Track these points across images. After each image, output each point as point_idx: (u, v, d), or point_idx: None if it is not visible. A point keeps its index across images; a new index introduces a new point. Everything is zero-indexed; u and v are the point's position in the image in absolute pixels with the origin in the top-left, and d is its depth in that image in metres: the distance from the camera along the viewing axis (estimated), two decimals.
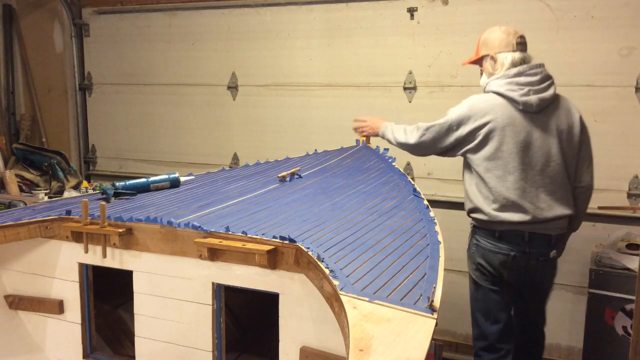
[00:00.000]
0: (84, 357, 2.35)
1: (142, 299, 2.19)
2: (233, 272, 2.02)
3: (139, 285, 2.20)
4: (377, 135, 3.19)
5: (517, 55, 2.76)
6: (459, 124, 2.75)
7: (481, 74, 2.91)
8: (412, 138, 2.87)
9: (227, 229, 2.02)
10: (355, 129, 3.32)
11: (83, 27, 4.98)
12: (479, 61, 2.90)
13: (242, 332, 2.83)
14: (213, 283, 2.07)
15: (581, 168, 2.82)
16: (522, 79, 2.70)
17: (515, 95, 2.67)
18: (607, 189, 3.55)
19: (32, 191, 4.29)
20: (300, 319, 1.93)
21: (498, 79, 2.74)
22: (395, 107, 3.99)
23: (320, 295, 1.74)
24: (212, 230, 2.03)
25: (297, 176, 2.90)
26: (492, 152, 2.68)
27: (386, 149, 3.38)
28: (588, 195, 2.88)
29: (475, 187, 2.77)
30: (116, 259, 2.23)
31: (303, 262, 1.86)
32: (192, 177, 3.10)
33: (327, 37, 4.16)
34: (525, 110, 2.68)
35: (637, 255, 2.96)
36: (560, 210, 2.71)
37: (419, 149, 2.89)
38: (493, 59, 2.79)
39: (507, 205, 2.67)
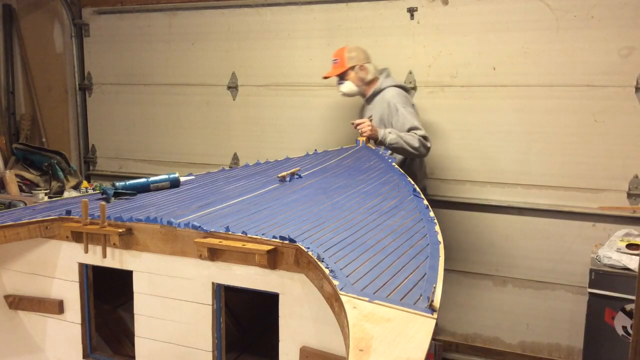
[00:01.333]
0: (84, 357, 2.34)
1: (142, 299, 2.19)
2: (233, 272, 2.02)
3: (139, 285, 2.20)
4: (377, 137, 3.49)
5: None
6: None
7: (340, 82, 3.69)
8: (428, 144, 3.45)
9: (227, 229, 2.02)
10: (357, 126, 3.56)
11: (83, 27, 4.98)
12: (343, 72, 3.65)
13: (242, 332, 2.83)
14: (213, 283, 2.07)
15: None
16: (391, 76, 3.73)
17: (404, 85, 3.77)
18: (607, 189, 3.55)
19: (32, 191, 4.29)
20: (300, 319, 1.93)
21: (386, 79, 3.67)
22: None
23: (320, 295, 1.74)
24: (212, 230, 2.03)
25: (297, 176, 2.90)
26: None
27: (386, 149, 3.38)
28: None
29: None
30: (116, 259, 2.23)
31: (303, 262, 1.86)
32: (192, 177, 3.09)
33: (327, 37, 4.15)
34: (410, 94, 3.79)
35: (637, 255, 2.95)
36: None
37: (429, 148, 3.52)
38: (362, 68, 3.64)
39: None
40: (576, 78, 3.54)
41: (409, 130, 3.43)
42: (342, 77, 3.68)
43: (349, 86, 3.68)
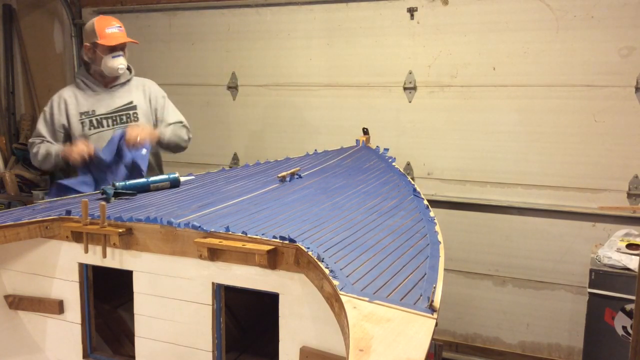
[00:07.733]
0: (84, 357, 2.35)
1: (142, 299, 2.19)
2: (233, 272, 2.02)
3: (139, 285, 2.20)
4: (157, 138, 3.32)
5: None
6: None
7: (121, 55, 3.30)
8: (190, 135, 3.51)
9: (227, 229, 2.02)
10: (131, 140, 3.18)
11: (83, 27, 4.97)
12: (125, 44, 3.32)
13: (242, 332, 2.83)
14: (213, 283, 2.07)
15: None
16: None
17: None
18: (607, 189, 3.55)
19: (32, 191, 4.29)
20: (300, 319, 1.93)
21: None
22: (395, 107, 3.99)
23: (320, 295, 1.74)
24: (212, 230, 2.03)
25: (297, 176, 2.90)
26: None
27: (386, 149, 3.38)
28: None
29: None
30: (116, 259, 2.23)
31: (303, 262, 1.86)
32: (192, 177, 3.09)
33: (327, 37, 4.15)
34: None
35: (637, 255, 2.96)
36: None
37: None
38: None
39: None
40: (576, 78, 3.54)
41: (178, 122, 3.43)
42: (122, 48, 3.30)
43: (124, 62, 3.33)
